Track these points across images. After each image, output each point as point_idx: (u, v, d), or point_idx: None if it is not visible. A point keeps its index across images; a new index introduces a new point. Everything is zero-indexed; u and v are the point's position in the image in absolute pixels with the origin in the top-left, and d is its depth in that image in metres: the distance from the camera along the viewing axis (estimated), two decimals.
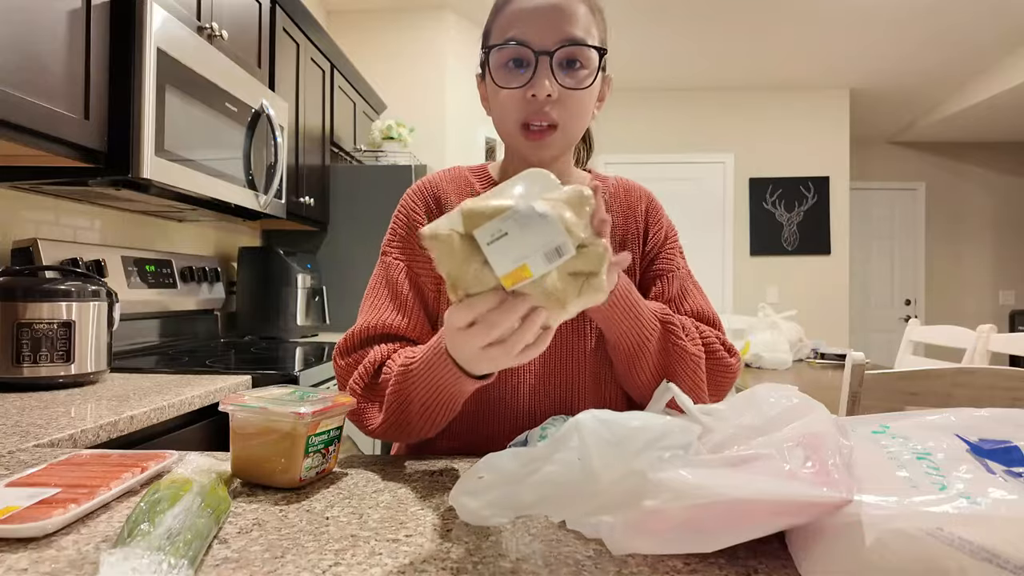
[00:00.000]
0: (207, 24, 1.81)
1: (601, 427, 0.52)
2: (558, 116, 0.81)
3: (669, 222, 0.96)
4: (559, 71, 0.80)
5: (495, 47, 0.82)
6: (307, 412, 0.63)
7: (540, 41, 0.79)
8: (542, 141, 0.82)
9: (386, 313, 0.84)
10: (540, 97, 0.79)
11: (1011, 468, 0.43)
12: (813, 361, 2.70)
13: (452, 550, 0.49)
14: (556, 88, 0.79)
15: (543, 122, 0.81)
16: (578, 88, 0.81)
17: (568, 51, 0.80)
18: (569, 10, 0.80)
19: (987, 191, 6.04)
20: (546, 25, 0.79)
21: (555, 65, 0.79)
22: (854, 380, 1.27)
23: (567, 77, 0.80)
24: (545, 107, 0.80)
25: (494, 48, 0.82)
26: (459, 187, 0.92)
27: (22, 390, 1.27)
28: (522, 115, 0.81)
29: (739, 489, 0.42)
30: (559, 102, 0.80)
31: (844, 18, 3.78)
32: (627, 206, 0.93)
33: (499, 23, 0.83)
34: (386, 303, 0.85)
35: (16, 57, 1.18)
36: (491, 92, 0.85)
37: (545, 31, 0.79)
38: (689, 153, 5.07)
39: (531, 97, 0.79)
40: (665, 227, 0.94)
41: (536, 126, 0.81)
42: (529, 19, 0.80)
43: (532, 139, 0.82)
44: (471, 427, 0.86)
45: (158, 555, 0.42)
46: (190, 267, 2.23)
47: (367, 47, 3.72)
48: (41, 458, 0.75)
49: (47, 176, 1.47)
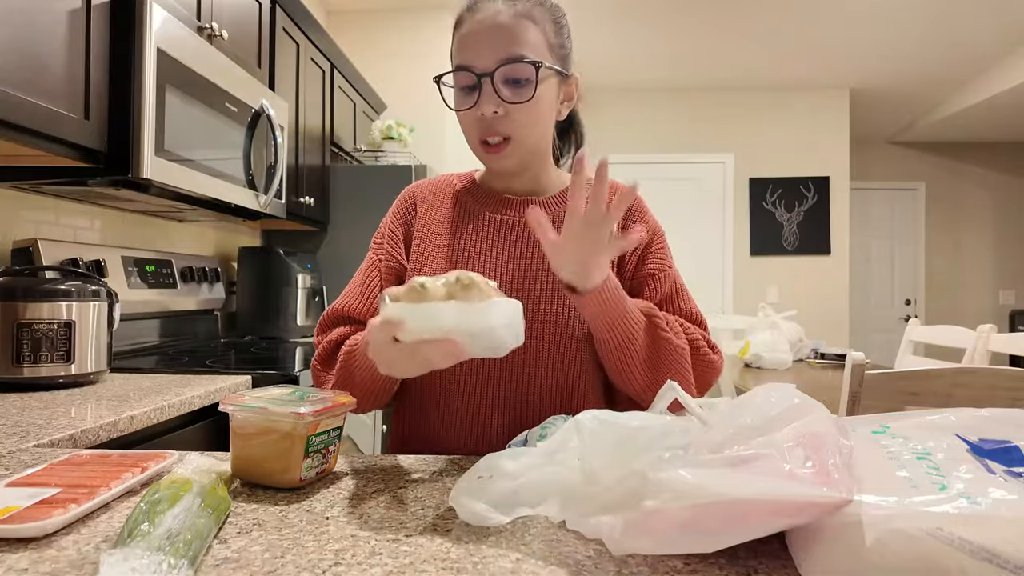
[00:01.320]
0: (207, 24, 1.81)
1: (601, 427, 0.52)
2: (508, 130, 0.86)
3: (656, 222, 0.98)
4: (503, 88, 0.85)
5: (444, 74, 0.89)
6: (307, 412, 0.63)
7: (481, 63, 0.85)
8: (498, 155, 0.88)
9: (352, 300, 0.94)
10: (487, 115, 0.85)
11: (1011, 468, 0.43)
12: (813, 361, 2.70)
13: (452, 550, 0.49)
14: (501, 104, 0.85)
15: (496, 137, 0.87)
16: (520, 102, 0.85)
17: (507, 69, 0.84)
18: (508, 28, 0.85)
19: (987, 191, 6.04)
20: (486, 46, 0.85)
21: (498, 83, 0.85)
22: (854, 380, 1.27)
23: (510, 92, 0.85)
24: (494, 124, 0.86)
25: (443, 76, 0.89)
26: (437, 193, 0.99)
27: (22, 390, 1.27)
28: (478, 133, 0.88)
29: (739, 489, 0.42)
30: (507, 117, 0.86)
31: (844, 18, 3.78)
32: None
33: (453, 49, 0.90)
34: (355, 290, 0.95)
35: (16, 57, 1.18)
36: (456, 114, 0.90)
37: (486, 52, 0.85)
38: (689, 153, 5.07)
39: (480, 116, 0.86)
40: (652, 227, 0.96)
41: (492, 140, 0.87)
42: (472, 43, 0.86)
43: (489, 153, 0.88)
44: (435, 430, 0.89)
45: (158, 555, 0.42)
46: (190, 267, 2.23)
47: (367, 47, 3.72)
48: (41, 458, 0.75)
49: (47, 176, 1.47)
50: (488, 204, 0.95)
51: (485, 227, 0.93)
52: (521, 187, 0.96)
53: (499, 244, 0.92)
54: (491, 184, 0.98)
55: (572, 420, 0.55)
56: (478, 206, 0.95)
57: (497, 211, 0.94)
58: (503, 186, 0.96)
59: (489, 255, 0.91)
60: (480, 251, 0.92)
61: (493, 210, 0.94)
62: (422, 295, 0.60)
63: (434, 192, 0.99)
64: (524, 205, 0.94)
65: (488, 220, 0.94)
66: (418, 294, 0.60)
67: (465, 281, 0.59)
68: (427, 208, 0.97)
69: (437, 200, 0.98)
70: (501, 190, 0.96)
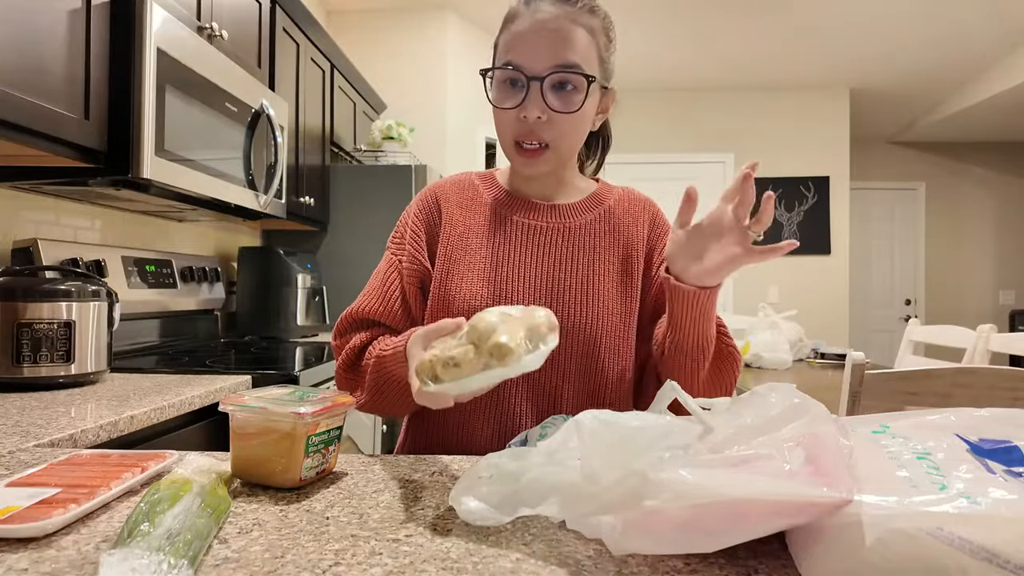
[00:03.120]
0: (207, 24, 1.81)
1: (601, 427, 0.52)
2: (548, 136, 0.85)
3: None
4: (550, 94, 0.84)
5: (493, 69, 0.87)
6: (307, 412, 0.63)
7: (533, 65, 0.83)
8: (534, 160, 0.87)
9: (372, 302, 0.92)
10: (531, 119, 0.84)
11: (1011, 468, 0.43)
12: (813, 361, 2.70)
13: (452, 550, 0.49)
14: (546, 111, 0.84)
15: (534, 142, 0.85)
16: (567, 112, 0.84)
17: (559, 76, 0.83)
18: (564, 34, 0.83)
19: (987, 191, 6.04)
20: (540, 49, 0.83)
21: (546, 89, 0.83)
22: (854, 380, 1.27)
23: (557, 100, 0.84)
24: (535, 128, 0.85)
25: (491, 70, 0.87)
26: (462, 194, 0.96)
27: (22, 390, 1.27)
28: (515, 134, 0.86)
29: (739, 489, 0.42)
30: (549, 123, 0.85)
31: (844, 18, 3.78)
32: (631, 216, 0.96)
33: (502, 41, 0.88)
34: (374, 292, 0.93)
35: (16, 57, 1.18)
36: (493, 108, 0.89)
37: (539, 55, 0.83)
38: (689, 153, 5.07)
39: (523, 118, 0.84)
40: None
41: (528, 145, 0.86)
42: (525, 43, 0.84)
43: (524, 157, 0.87)
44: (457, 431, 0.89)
45: (158, 555, 0.42)
46: (190, 267, 2.23)
47: (367, 47, 3.72)
48: (41, 458, 0.75)
49: (47, 176, 1.47)
50: (516, 209, 0.94)
51: (515, 233, 0.92)
52: (547, 192, 0.95)
53: (529, 251, 0.91)
54: (517, 187, 0.96)
55: (572, 420, 0.55)
56: (506, 210, 0.94)
57: (527, 216, 0.93)
58: (529, 190, 0.95)
59: (520, 263, 0.90)
60: (511, 258, 0.90)
61: (523, 215, 0.93)
62: (458, 372, 0.60)
63: (458, 193, 0.96)
64: (552, 211, 0.93)
65: (518, 226, 0.92)
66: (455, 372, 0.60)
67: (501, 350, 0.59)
68: (452, 209, 0.94)
69: (462, 201, 0.95)
70: (527, 194, 0.95)
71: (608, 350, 0.88)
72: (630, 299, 0.92)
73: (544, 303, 0.88)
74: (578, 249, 0.91)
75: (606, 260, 0.92)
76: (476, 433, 0.88)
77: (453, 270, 0.90)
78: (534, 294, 0.88)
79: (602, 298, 0.89)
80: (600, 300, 0.89)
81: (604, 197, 0.97)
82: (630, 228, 0.95)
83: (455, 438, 0.90)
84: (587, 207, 0.95)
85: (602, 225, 0.94)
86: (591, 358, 0.88)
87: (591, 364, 0.88)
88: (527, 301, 0.88)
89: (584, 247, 0.92)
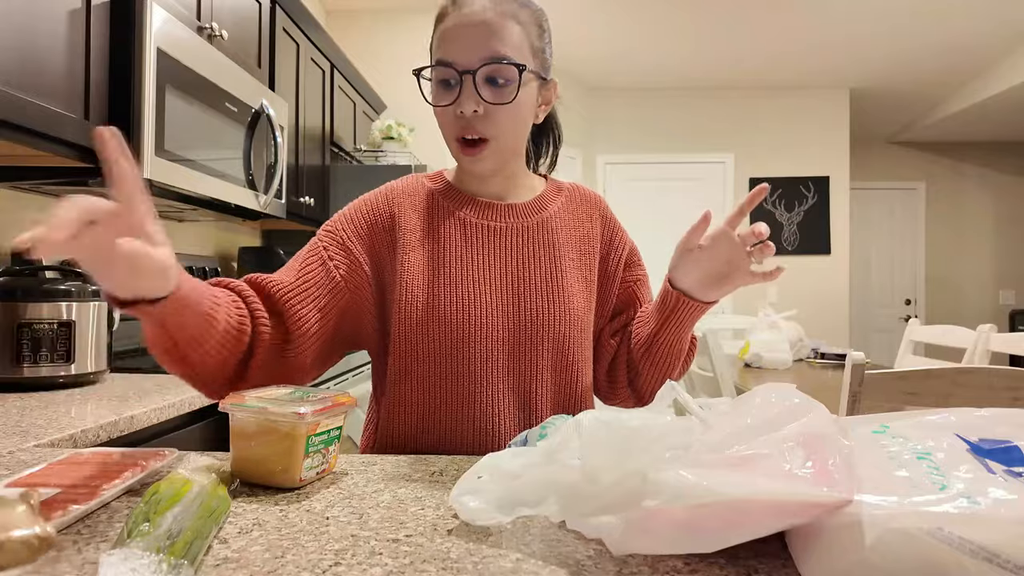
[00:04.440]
0: (207, 24, 1.81)
1: (601, 427, 0.52)
2: (487, 130, 0.85)
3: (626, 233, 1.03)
4: (484, 87, 0.84)
5: (425, 68, 0.87)
6: (307, 412, 0.63)
7: (464, 60, 0.83)
8: (476, 155, 0.87)
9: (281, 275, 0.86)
10: (467, 114, 0.84)
11: (1011, 468, 0.43)
12: (813, 361, 2.70)
13: (452, 550, 0.49)
14: (481, 104, 0.84)
15: (474, 136, 0.86)
16: (501, 103, 0.84)
17: (490, 69, 0.83)
18: (494, 27, 0.83)
19: (987, 191, 6.04)
20: (471, 44, 0.83)
21: (479, 82, 0.83)
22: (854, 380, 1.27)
23: (491, 92, 0.84)
24: (473, 122, 0.85)
25: (424, 69, 0.87)
26: (415, 198, 0.94)
27: (22, 390, 1.27)
28: (455, 131, 0.86)
29: (739, 489, 0.42)
30: (486, 116, 0.85)
31: (844, 18, 3.78)
32: (583, 211, 0.99)
33: (434, 40, 0.88)
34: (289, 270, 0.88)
35: (16, 57, 1.18)
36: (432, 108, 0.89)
37: (469, 49, 0.83)
38: (689, 153, 5.07)
39: (459, 114, 0.84)
40: (628, 239, 1.02)
41: (468, 139, 0.86)
42: (455, 38, 0.84)
43: (467, 153, 0.87)
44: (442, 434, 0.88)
45: (158, 555, 0.42)
46: (190, 267, 2.23)
47: (367, 47, 3.72)
48: (41, 458, 0.75)
49: (47, 176, 1.47)
50: (468, 208, 0.93)
51: (475, 235, 0.91)
52: (496, 189, 0.94)
53: (492, 251, 0.91)
54: (466, 186, 0.95)
55: (572, 420, 0.55)
56: (458, 209, 0.93)
57: (484, 217, 0.92)
58: (479, 188, 0.94)
59: (484, 264, 0.90)
60: (475, 261, 0.90)
61: (477, 215, 0.92)
62: None
63: (410, 196, 0.94)
64: (509, 210, 0.93)
65: (473, 225, 0.91)
66: None
67: None
68: (407, 214, 0.92)
69: (415, 205, 0.93)
70: (476, 192, 0.94)
71: (575, 345, 0.91)
72: (590, 293, 0.95)
73: (508, 298, 0.89)
74: (539, 246, 0.93)
75: (566, 256, 0.93)
76: (450, 434, 0.88)
77: (417, 276, 0.88)
78: (501, 295, 0.88)
79: (566, 294, 0.91)
80: (565, 296, 0.91)
81: (556, 194, 0.99)
82: (583, 224, 0.97)
83: (428, 438, 0.88)
84: (541, 204, 0.96)
85: (558, 222, 0.95)
86: (561, 354, 0.90)
87: (561, 360, 0.90)
88: (494, 302, 0.88)
89: (544, 244, 0.93)
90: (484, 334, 0.87)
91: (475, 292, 0.88)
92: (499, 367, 0.87)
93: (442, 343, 0.86)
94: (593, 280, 0.96)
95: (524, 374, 0.88)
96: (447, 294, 0.87)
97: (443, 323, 0.86)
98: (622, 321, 0.99)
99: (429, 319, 0.86)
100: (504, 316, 0.88)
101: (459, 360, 0.86)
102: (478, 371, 0.86)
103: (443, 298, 0.87)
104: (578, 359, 0.91)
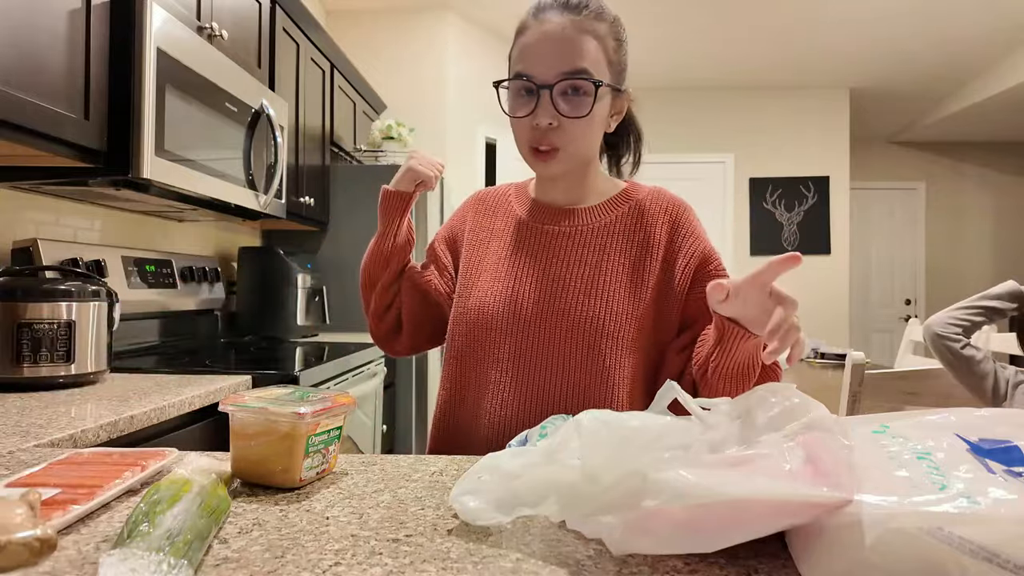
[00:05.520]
0: (207, 24, 1.81)
1: (601, 427, 0.52)
2: (559, 141, 0.89)
3: (709, 243, 0.97)
4: (560, 101, 0.88)
5: (505, 80, 0.92)
6: (307, 412, 0.63)
7: (542, 74, 0.87)
8: (548, 162, 0.91)
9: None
10: (542, 126, 0.88)
11: (1011, 468, 0.43)
12: (813, 361, 2.70)
13: (452, 550, 0.49)
14: (556, 117, 0.88)
15: (546, 146, 0.90)
16: (576, 117, 0.88)
17: (566, 84, 0.87)
18: (573, 42, 0.87)
19: (987, 191, 6.04)
20: (549, 58, 0.87)
21: (556, 96, 0.87)
22: (854, 380, 1.27)
23: (567, 106, 0.88)
24: (548, 134, 0.89)
25: (503, 82, 0.92)
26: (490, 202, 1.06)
27: (22, 390, 1.27)
28: (529, 141, 0.91)
29: (739, 489, 0.42)
30: (560, 128, 0.89)
31: (844, 18, 3.78)
32: (650, 218, 0.96)
33: (514, 53, 0.92)
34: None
35: (16, 57, 1.18)
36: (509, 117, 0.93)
37: (548, 64, 0.87)
38: (689, 153, 5.07)
39: (535, 125, 0.89)
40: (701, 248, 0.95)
41: (542, 149, 0.90)
42: (535, 53, 0.88)
43: (539, 160, 0.91)
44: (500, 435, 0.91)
45: (158, 555, 0.42)
46: (190, 267, 2.23)
47: (367, 47, 3.72)
48: (41, 458, 0.75)
49: (47, 176, 1.47)
50: (536, 214, 0.99)
51: (528, 236, 0.98)
52: (567, 194, 0.99)
53: (538, 252, 0.96)
54: (542, 194, 1.02)
55: (572, 420, 0.55)
56: (522, 214, 1.01)
57: (542, 221, 0.98)
58: (549, 193, 1.00)
59: (528, 263, 0.95)
60: (520, 260, 0.96)
61: (539, 220, 0.99)
62: None
63: (489, 201, 1.06)
64: (569, 215, 0.98)
65: (532, 230, 0.98)
66: None
67: None
68: (478, 217, 1.05)
69: (488, 209, 1.05)
70: (546, 197, 1.01)
71: (610, 350, 0.90)
72: (639, 300, 0.92)
73: (549, 299, 0.92)
74: (587, 249, 0.95)
75: (616, 260, 0.94)
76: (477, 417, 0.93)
77: (471, 273, 0.99)
78: (539, 293, 0.93)
79: (607, 299, 0.91)
80: (605, 301, 0.91)
81: (624, 200, 0.99)
82: (647, 230, 0.96)
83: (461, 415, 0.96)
84: (605, 210, 0.98)
85: (618, 226, 0.97)
86: (595, 358, 0.90)
87: (596, 363, 0.90)
88: (532, 300, 0.93)
89: (594, 247, 0.95)
90: (516, 328, 0.92)
91: (515, 288, 0.94)
92: (528, 360, 0.91)
93: (480, 331, 0.94)
94: (645, 289, 0.92)
95: (554, 372, 0.90)
96: (489, 288, 0.95)
97: (482, 312, 0.94)
98: (689, 336, 0.94)
99: (470, 314, 0.95)
100: (536, 311, 0.92)
101: (491, 349, 0.93)
102: (507, 362, 0.91)
103: (485, 292, 0.95)
104: (614, 365, 0.89)
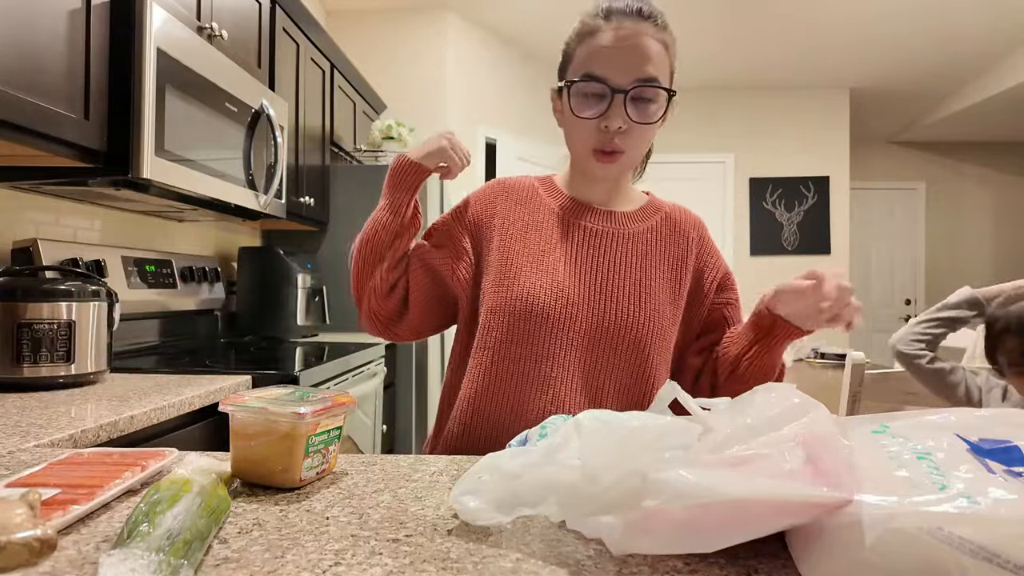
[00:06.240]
0: (207, 24, 1.81)
1: (601, 427, 0.52)
2: (624, 144, 0.91)
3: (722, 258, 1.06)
4: (631, 106, 0.89)
5: (577, 81, 0.91)
6: (307, 412, 0.63)
7: (617, 79, 0.89)
8: (611, 163, 0.93)
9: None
10: (612, 129, 0.90)
11: (1011, 468, 0.43)
12: (813, 361, 2.71)
13: (452, 550, 0.49)
14: (627, 121, 0.90)
15: (612, 149, 0.91)
16: (647, 123, 0.91)
17: (641, 90, 0.89)
18: (646, 50, 0.89)
19: (987, 191, 6.04)
20: (624, 64, 0.88)
21: (628, 101, 0.89)
22: (854, 380, 1.27)
23: (637, 112, 0.90)
24: (615, 137, 0.91)
25: (574, 82, 0.91)
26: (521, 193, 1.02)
27: (22, 390, 1.27)
28: (594, 142, 0.92)
29: (739, 489, 0.42)
30: (627, 133, 0.91)
31: (844, 18, 3.78)
32: (680, 232, 1.02)
33: (582, 53, 0.92)
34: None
35: (16, 57, 1.18)
36: (567, 115, 0.94)
37: (622, 69, 0.88)
38: (689, 153, 5.07)
39: (604, 128, 0.90)
40: (723, 264, 1.04)
41: (607, 151, 0.92)
42: (609, 56, 0.89)
43: (602, 162, 0.93)
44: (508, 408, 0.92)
45: (158, 555, 0.42)
46: (190, 267, 2.23)
47: (367, 47, 3.72)
48: (41, 458, 0.75)
49: (47, 176, 1.47)
50: (577, 213, 0.99)
51: (574, 234, 0.97)
52: (604, 196, 1.01)
53: (587, 252, 0.96)
54: (576, 193, 1.02)
55: (572, 420, 0.55)
56: (567, 214, 1.00)
57: (586, 220, 0.99)
58: (588, 196, 1.01)
59: (578, 262, 0.96)
60: (569, 257, 0.96)
61: (582, 219, 0.99)
62: None
63: (518, 192, 1.03)
64: (610, 217, 0.99)
65: (577, 228, 0.98)
66: None
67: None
68: (510, 206, 1.01)
69: (521, 199, 1.02)
70: (586, 200, 1.01)
71: (654, 351, 0.93)
72: (676, 308, 0.98)
73: (596, 298, 0.93)
74: (633, 254, 0.97)
75: (658, 268, 0.97)
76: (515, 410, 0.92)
77: (510, 263, 0.95)
78: (590, 292, 0.93)
79: (653, 302, 0.94)
80: (651, 304, 0.94)
81: (656, 209, 1.03)
82: (680, 242, 1.00)
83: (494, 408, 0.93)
84: (642, 216, 1.01)
85: (655, 235, 0.99)
86: (640, 357, 0.92)
87: (639, 363, 0.92)
88: (583, 298, 0.93)
89: (638, 253, 0.97)
90: (566, 324, 0.92)
91: (566, 285, 0.93)
92: (575, 358, 0.91)
93: (528, 324, 0.92)
94: (681, 298, 0.98)
95: (598, 369, 0.92)
96: (537, 281, 0.94)
97: (529, 304, 0.92)
98: (709, 340, 1.02)
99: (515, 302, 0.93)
100: (588, 310, 0.92)
101: (537, 343, 0.91)
102: (553, 357, 0.91)
103: (534, 284, 0.94)
104: (655, 365, 0.94)
